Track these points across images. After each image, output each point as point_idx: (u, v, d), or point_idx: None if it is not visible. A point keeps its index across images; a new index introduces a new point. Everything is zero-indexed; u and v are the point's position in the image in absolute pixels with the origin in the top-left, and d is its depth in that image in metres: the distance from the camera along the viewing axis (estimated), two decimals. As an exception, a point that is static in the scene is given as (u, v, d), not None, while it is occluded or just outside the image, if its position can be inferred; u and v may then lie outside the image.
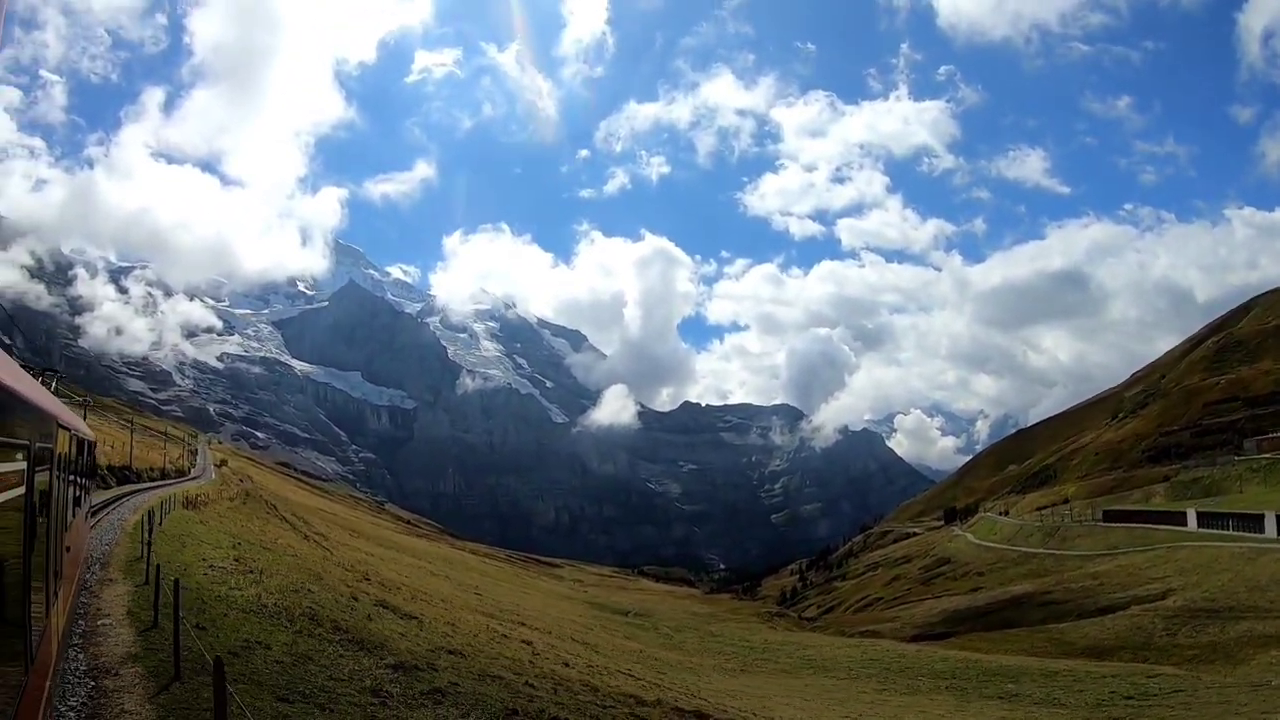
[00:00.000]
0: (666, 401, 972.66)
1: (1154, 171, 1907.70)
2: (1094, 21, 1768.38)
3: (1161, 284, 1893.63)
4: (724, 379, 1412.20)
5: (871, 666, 48.77)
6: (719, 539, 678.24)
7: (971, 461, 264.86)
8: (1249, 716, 29.40)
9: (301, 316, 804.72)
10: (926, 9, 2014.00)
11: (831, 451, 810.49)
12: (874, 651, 55.66)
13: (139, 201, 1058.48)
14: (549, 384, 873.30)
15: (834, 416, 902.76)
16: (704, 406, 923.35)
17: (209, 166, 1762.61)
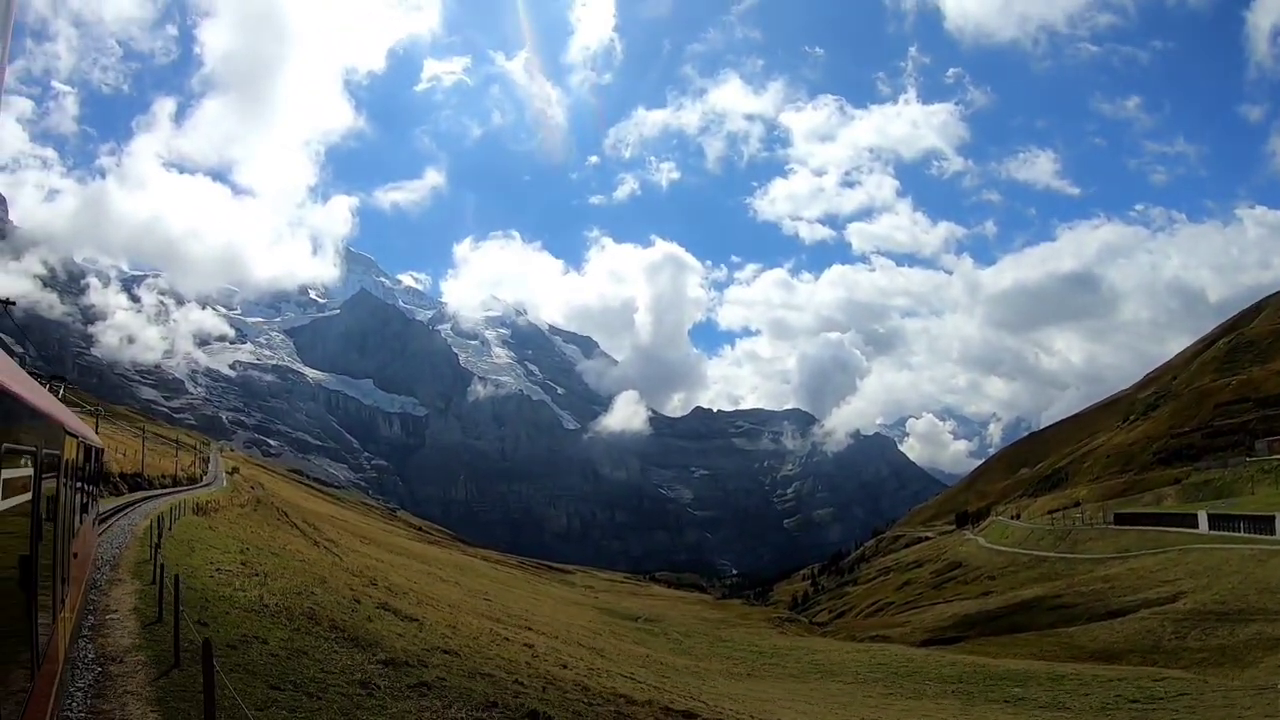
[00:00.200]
0: (678, 407, 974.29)
1: (1164, 171, 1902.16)
2: (1102, 22, 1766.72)
3: (1173, 284, 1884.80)
4: (735, 384, 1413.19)
5: (879, 671, 48.64)
6: (731, 544, 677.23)
7: (983, 465, 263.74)
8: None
9: (313, 324, 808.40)
10: (934, 12, 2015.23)
11: (843, 456, 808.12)
12: (882, 656, 55.48)
13: (151, 211, 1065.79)
14: (560, 390, 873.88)
15: (846, 421, 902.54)
16: (715, 412, 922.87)
17: (220, 176, 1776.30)
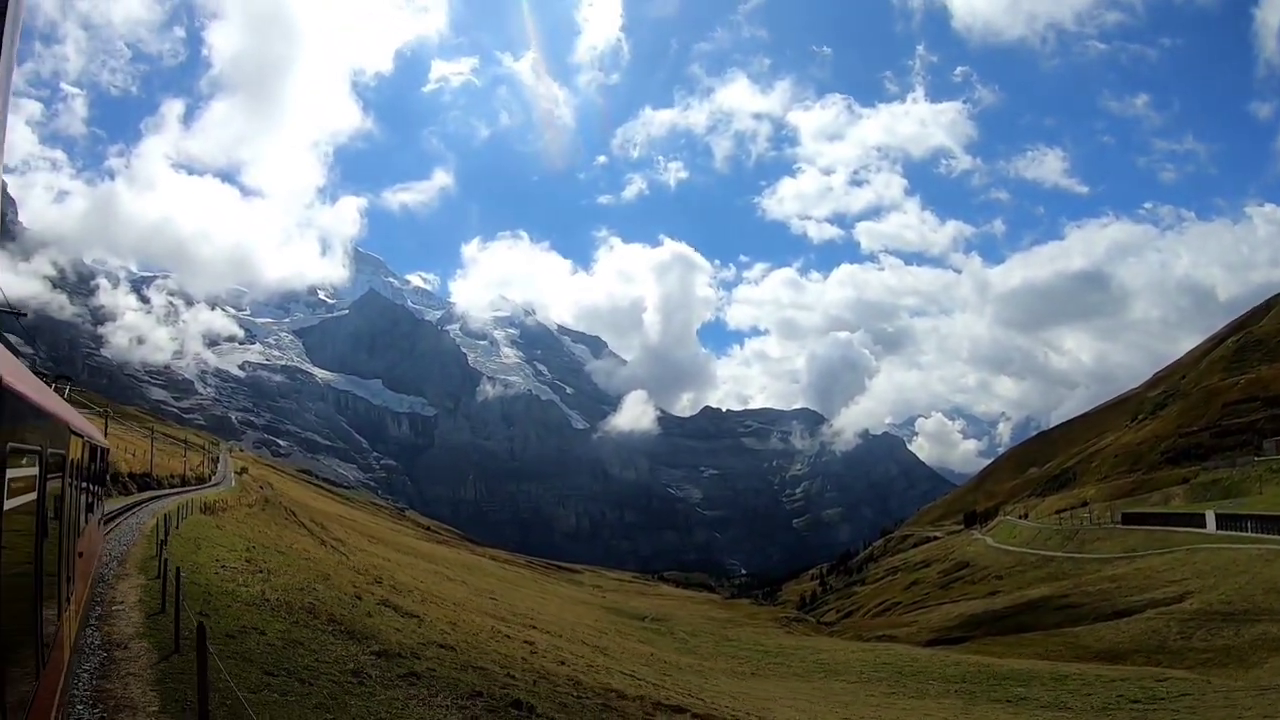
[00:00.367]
0: (687, 407, 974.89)
1: (1173, 169, 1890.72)
2: (1110, 19, 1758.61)
3: (1183, 283, 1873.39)
4: (744, 384, 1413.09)
5: (883, 670, 48.75)
6: (740, 544, 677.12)
7: (992, 465, 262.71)
8: (1252, 720, 29.38)
9: (322, 325, 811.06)
10: (941, 11, 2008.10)
11: (852, 456, 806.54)
12: (887, 656, 55.58)
13: (160, 212, 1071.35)
14: (569, 390, 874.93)
15: (855, 420, 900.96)
16: (724, 411, 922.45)
17: (228, 177, 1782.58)
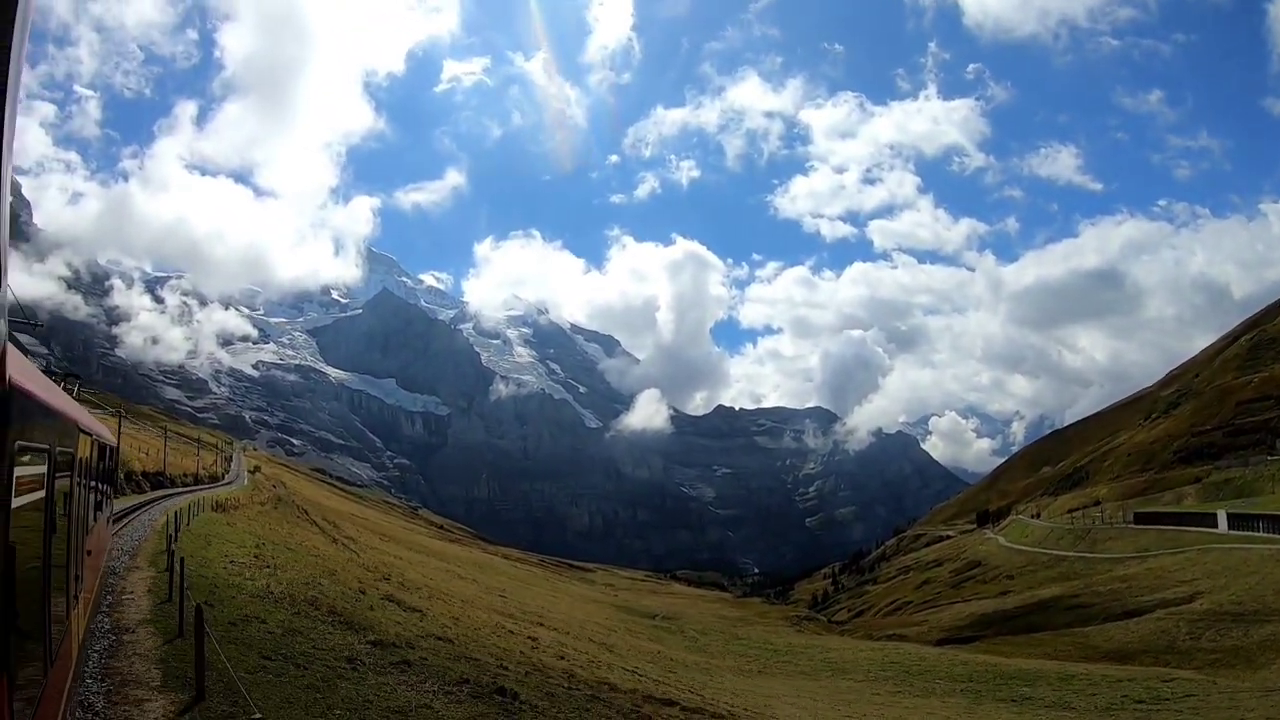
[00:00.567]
0: (700, 405, 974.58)
1: (1188, 166, 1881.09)
2: (1122, 16, 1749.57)
3: (1198, 281, 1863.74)
4: (757, 382, 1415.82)
5: (891, 669, 48.77)
6: (753, 543, 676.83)
7: (1005, 464, 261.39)
8: (1254, 721, 29.37)
9: (336, 324, 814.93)
10: (953, 8, 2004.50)
11: (866, 454, 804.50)
12: (896, 655, 55.54)
13: (173, 213, 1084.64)
14: (582, 389, 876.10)
15: (868, 419, 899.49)
16: (737, 410, 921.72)
17: (242, 178, 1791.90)
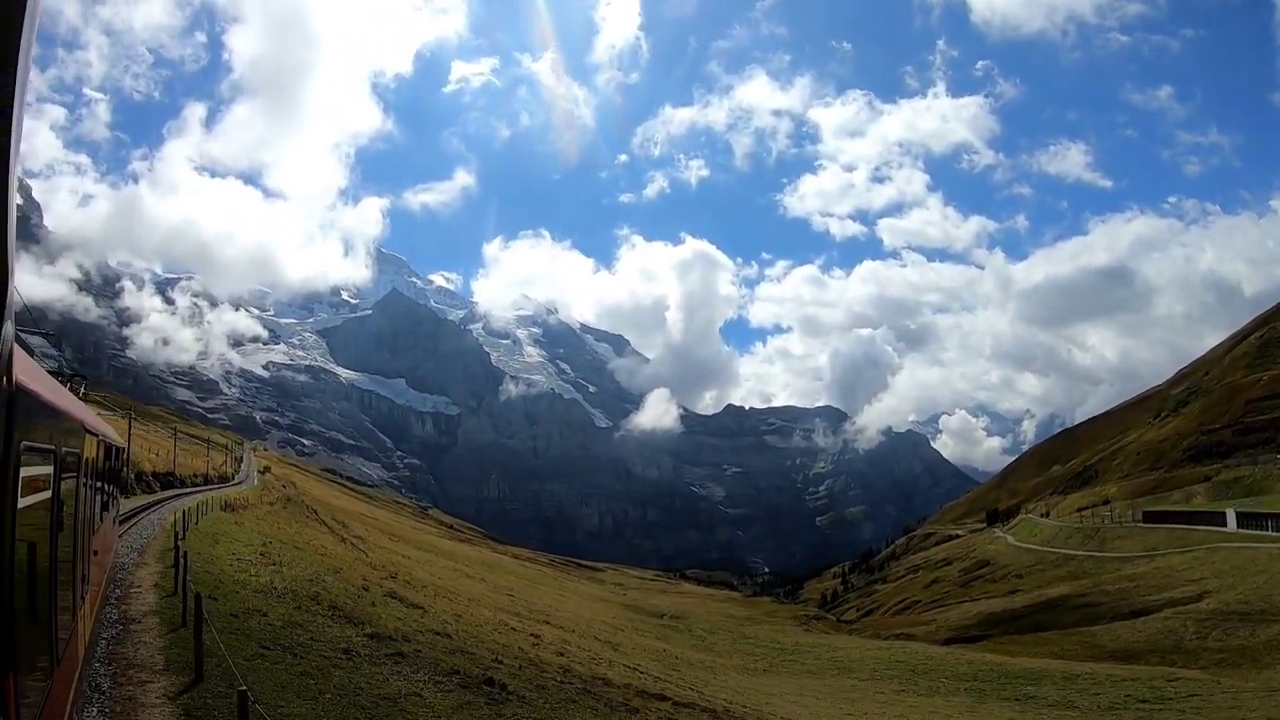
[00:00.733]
0: (710, 405, 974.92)
1: (1198, 162, 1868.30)
2: (1130, 11, 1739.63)
3: (1208, 278, 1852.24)
4: (767, 381, 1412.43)
5: (897, 668, 48.90)
6: (763, 542, 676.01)
7: (1015, 462, 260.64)
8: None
9: (345, 325, 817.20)
10: (960, 5, 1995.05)
11: (875, 453, 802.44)
12: (902, 654, 55.67)
13: (183, 214, 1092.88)
14: (592, 389, 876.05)
15: (878, 418, 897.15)
16: (747, 409, 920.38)
17: (251, 179, 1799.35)
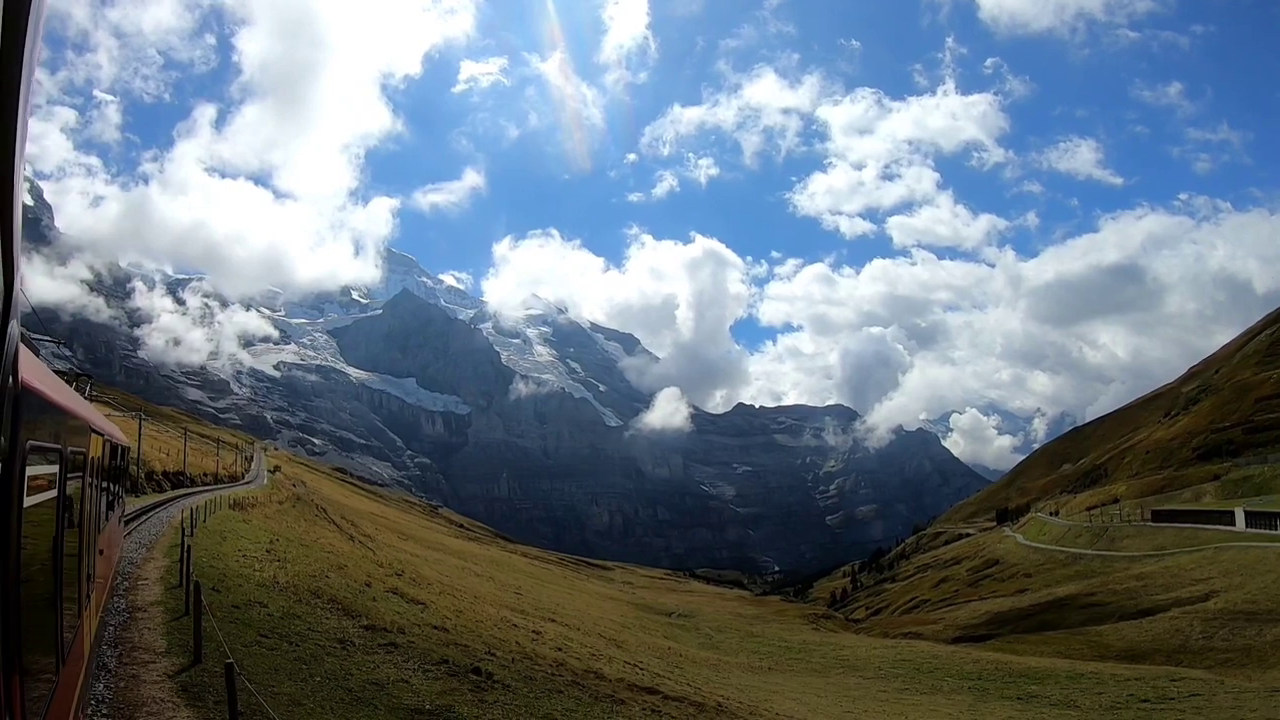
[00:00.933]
0: (720, 404, 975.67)
1: (1209, 159, 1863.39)
2: (1140, 8, 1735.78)
3: (1220, 276, 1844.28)
4: (777, 380, 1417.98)
5: (902, 667, 48.97)
6: (774, 541, 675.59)
7: (1025, 461, 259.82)
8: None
9: (356, 324, 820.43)
10: (968, 3, 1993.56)
11: (886, 452, 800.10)
12: (908, 653, 55.70)
13: (194, 215, 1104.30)
14: (602, 388, 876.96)
15: (888, 416, 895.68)
16: (757, 408, 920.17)
17: (261, 180, 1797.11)
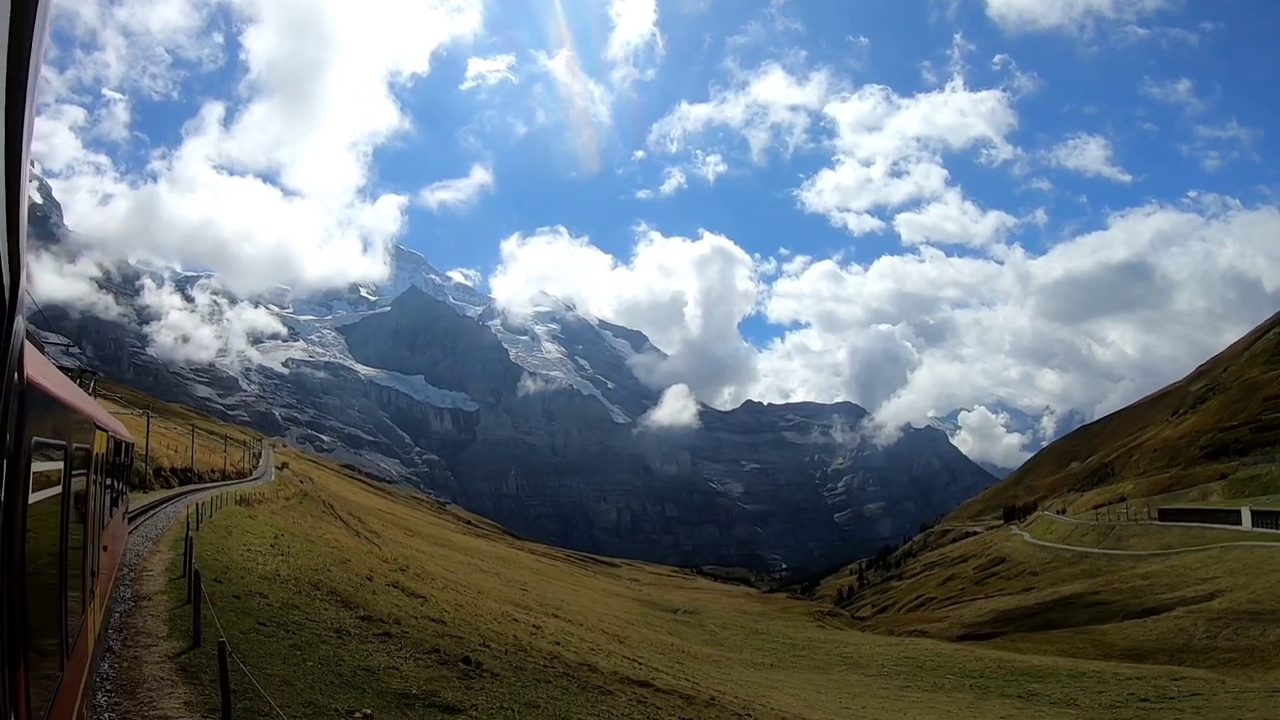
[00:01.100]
0: (728, 401, 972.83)
1: (1218, 156, 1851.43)
2: (1148, 4, 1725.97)
3: (1229, 273, 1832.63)
4: (785, 377, 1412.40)
5: (904, 664, 49.13)
6: (782, 539, 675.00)
7: (1033, 459, 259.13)
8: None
9: (364, 321, 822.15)
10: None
11: (894, 450, 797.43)
12: (912, 650, 55.85)
13: (202, 213, 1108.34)
14: (610, 385, 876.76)
15: (896, 414, 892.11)
16: (765, 405, 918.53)
17: (269, 178, 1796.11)
